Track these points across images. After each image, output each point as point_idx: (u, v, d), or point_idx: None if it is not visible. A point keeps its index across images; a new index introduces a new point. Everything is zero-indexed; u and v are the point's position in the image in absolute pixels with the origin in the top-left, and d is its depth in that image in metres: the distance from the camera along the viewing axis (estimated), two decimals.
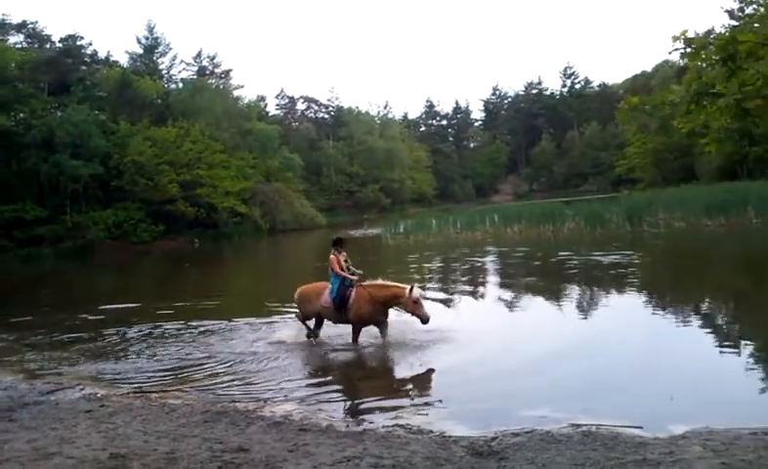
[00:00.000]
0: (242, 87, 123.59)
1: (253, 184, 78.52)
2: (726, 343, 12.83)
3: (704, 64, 7.85)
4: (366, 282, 13.85)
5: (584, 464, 6.81)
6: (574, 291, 19.70)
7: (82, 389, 11.64)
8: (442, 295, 20.51)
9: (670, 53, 6.86)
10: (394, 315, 14.19)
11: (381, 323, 13.82)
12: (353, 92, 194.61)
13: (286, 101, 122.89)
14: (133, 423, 9.15)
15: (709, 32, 7.69)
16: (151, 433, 8.60)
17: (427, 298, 16.14)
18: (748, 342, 12.88)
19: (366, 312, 13.60)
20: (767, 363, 11.30)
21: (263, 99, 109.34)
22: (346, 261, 14.35)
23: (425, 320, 12.87)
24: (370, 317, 13.70)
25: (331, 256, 14.22)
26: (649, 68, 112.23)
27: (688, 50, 7.59)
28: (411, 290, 12.99)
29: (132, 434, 8.60)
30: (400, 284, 13.59)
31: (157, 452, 7.77)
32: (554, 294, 19.45)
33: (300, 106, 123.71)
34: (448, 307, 18.39)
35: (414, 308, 12.97)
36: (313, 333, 14.67)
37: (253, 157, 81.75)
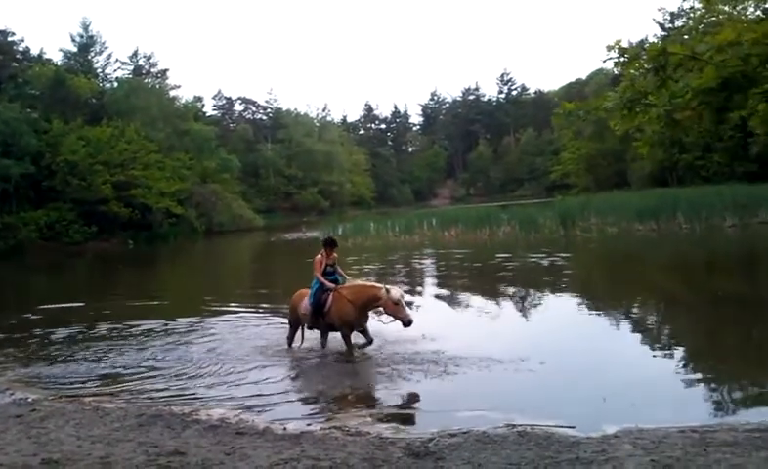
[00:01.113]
0: (179, 87, 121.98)
1: (189, 185, 77.47)
2: (657, 344, 13.20)
3: (637, 73, 8.13)
4: (343, 286, 12.88)
5: (519, 463, 6.92)
6: (509, 293, 20.00)
7: (12, 393, 11.31)
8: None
9: (604, 61, 7.10)
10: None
11: (364, 326, 12.84)
12: (291, 94, 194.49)
13: (224, 101, 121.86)
14: (66, 428, 8.93)
15: (642, 43, 7.94)
16: (85, 437, 8.42)
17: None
18: (678, 343, 13.28)
19: (351, 315, 12.43)
20: (696, 364, 11.68)
21: (200, 99, 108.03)
22: (333, 265, 13.18)
23: (407, 323, 11.77)
24: (356, 320, 12.53)
25: (317, 256, 13.07)
26: (584, 76, 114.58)
27: (621, 59, 7.85)
28: (389, 291, 11.96)
29: (65, 439, 8.40)
30: (376, 284, 12.55)
31: (91, 457, 7.61)
32: (491, 296, 19.74)
33: (238, 107, 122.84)
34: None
35: (395, 310, 11.88)
36: (290, 342, 13.80)
37: (189, 158, 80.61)
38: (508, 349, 12.24)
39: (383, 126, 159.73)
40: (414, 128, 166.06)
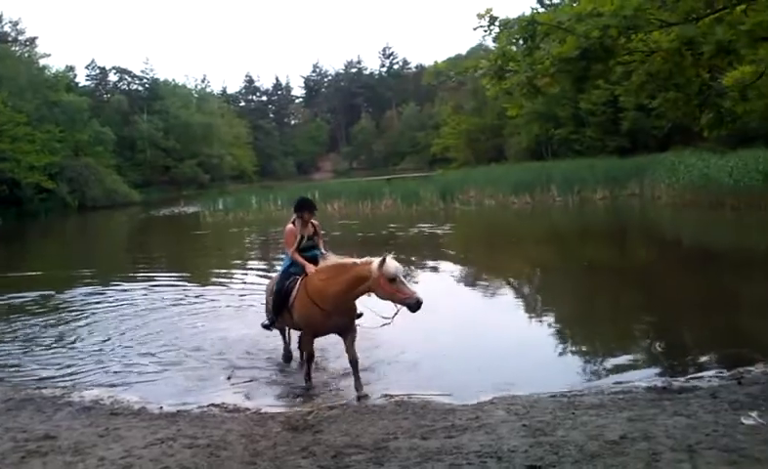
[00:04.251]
0: (49, 56, 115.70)
1: (61, 158, 73.99)
2: (531, 313, 13.68)
3: (510, 44, 8.34)
4: (317, 267, 9.06)
5: (396, 433, 7.01)
6: None
7: None
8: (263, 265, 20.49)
9: (475, 29, 7.12)
10: None
11: (346, 329, 8.97)
12: (169, 64, 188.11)
13: (97, 71, 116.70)
14: None
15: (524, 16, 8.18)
16: None
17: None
18: (551, 311, 13.81)
19: (314, 314, 8.78)
20: (567, 331, 12.17)
21: (72, 69, 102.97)
22: (312, 237, 9.57)
23: (415, 305, 8.02)
24: (323, 320, 8.80)
25: (288, 226, 9.44)
26: (464, 51, 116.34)
27: (491, 27, 8.03)
28: (382, 264, 8.14)
29: None
30: (361, 260, 8.63)
31: None
32: None
33: (112, 77, 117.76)
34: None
35: (391, 290, 8.13)
36: (286, 352, 10.62)
37: (60, 131, 76.88)
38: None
39: (264, 98, 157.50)
40: (297, 100, 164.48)
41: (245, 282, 18.68)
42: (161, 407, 8.60)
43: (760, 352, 9.49)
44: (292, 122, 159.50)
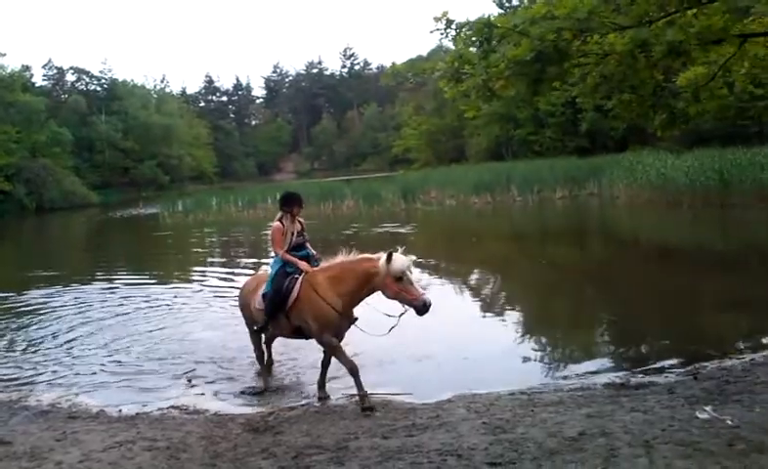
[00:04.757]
0: (4, 55, 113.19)
1: (17, 159, 72.84)
2: (491, 311, 13.78)
3: (464, 45, 8.44)
4: (320, 266, 8.52)
5: (357, 432, 7.03)
6: None
7: None
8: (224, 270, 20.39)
9: (431, 32, 7.17)
10: None
11: (344, 328, 8.39)
12: (128, 64, 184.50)
13: (55, 71, 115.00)
14: None
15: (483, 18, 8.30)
16: None
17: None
18: (511, 309, 13.92)
19: (332, 314, 8.06)
20: (527, 329, 12.28)
21: (28, 68, 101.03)
22: (301, 234, 8.86)
23: (422, 307, 7.52)
24: (339, 322, 8.15)
25: (275, 224, 8.74)
26: (425, 53, 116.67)
27: (448, 30, 8.12)
28: (390, 259, 7.64)
29: None
30: (369, 255, 8.11)
31: None
32: None
33: (70, 77, 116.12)
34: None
35: (398, 289, 7.61)
36: (261, 360, 9.73)
37: (17, 131, 75.67)
38: None
39: (225, 98, 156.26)
40: (257, 101, 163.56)
41: (206, 284, 18.54)
42: (120, 410, 8.53)
43: (716, 348, 9.70)
44: (253, 123, 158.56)
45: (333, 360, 8.44)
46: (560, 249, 22.32)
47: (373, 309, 8.24)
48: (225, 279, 19.20)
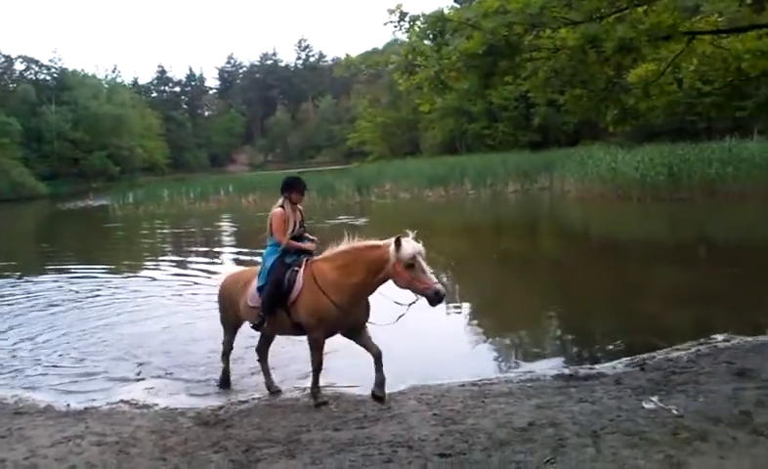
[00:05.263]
0: None
1: None
2: (443, 304, 13.82)
3: (418, 38, 8.49)
4: (323, 255, 7.86)
5: (308, 425, 7.01)
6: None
7: None
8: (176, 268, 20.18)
9: (385, 25, 7.18)
10: None
11: (361, 327, 7.85)
12: (78, 54, 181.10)
13: (2, 60, 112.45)
14: None
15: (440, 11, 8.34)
16: None
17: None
18: (462, 302, 14.02)
19: (328, 309, 7.45)
20: (478, 321, 12.39)
21: None
22: (302, 224, 8.17)
23: (434, 298, 7.10)
24: (339, 316, 7.53)
25: (276, 210, 8.02)
26: (381, 45, 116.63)
27: (401, 23, 8.15)
28: (398, 245, 7.14)
29: None
30: (377, 242, 7.53)
31: None
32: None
33: (18, 66, 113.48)
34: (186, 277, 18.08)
35: (410, 278, 7.13)
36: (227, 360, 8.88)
37: None
38: None
39: (177, 89, 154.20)
40: (211, 92, 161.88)
41: (158, 277, 18.36)
42: (68, 405, 8.39)
43: (663, 339, 9.87)
44: (206, 114, 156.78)
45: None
46: (512, 243, 22.54)
47: (381, 296, 7.76)
48: (177, 272, 19.05)
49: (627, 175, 29.94)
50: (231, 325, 8.67)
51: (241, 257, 21.13)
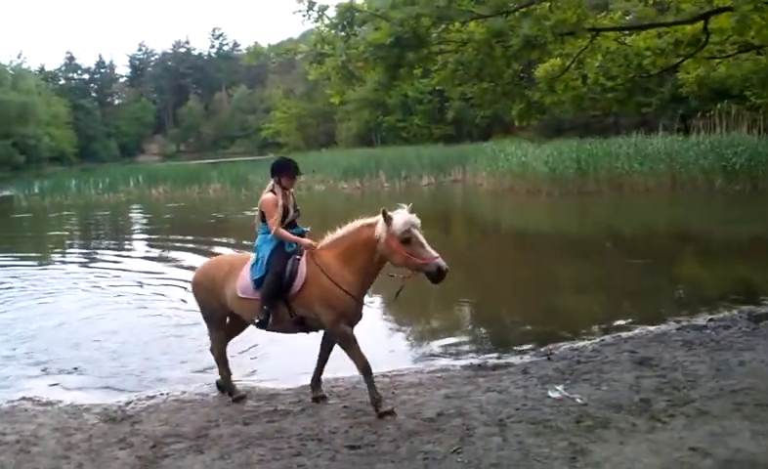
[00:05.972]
0: None
1: None
2: None
3: (327, 28, 8.48)
4: (323, 244, 7.32)
5: (218, 420, 6.94)
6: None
7: None
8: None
9: (294, 14, 7.12)
10: None
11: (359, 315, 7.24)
12: None
13: None
14: None
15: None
16: None
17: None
18: (373, 294, 14.00)
19: (347, 300, 6.90)
20: (389, 312, 12.40)
21: None
22: (296, 210, 7.62)
23: (436, 273, 6.70)
24: (356, 307, 7.08)
25: (267, 195, 7.44)
26: (296, 36, 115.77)
27: (310, 12, 8.13)
28: (388, 219, 6.74)
29: None
30: (368, 220, 7.05)
31: None
32: (205, 254, 19.43)
33: None
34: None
35: (407, 254, 6.71)
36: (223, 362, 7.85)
37: None
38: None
39: (86, 76, 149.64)
40: (121, 80, 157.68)
41: (65, 269, 17.87)
42: None
43: (569, 329, 10.16)
44: (116, 102, 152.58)
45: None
46: (425, 234, 22.70)
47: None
48: (86, 263, 18.59)
49: (537, 169, 30.61)
50: (216, 319, 7.74)
51: (153, 247, 20.75)
